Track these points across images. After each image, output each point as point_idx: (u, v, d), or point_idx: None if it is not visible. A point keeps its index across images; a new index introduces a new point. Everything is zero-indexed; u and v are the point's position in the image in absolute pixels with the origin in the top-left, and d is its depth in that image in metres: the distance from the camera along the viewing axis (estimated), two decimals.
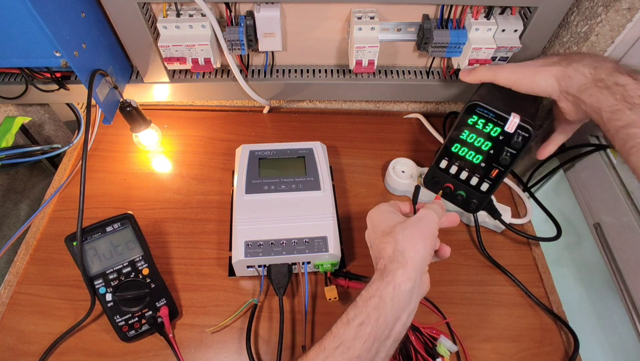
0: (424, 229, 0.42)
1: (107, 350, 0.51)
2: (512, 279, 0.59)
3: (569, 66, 0.44)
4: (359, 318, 0.37)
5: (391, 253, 0.40)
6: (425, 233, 0.42)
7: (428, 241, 0.41)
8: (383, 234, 0.42)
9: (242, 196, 0.57)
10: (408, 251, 0.40)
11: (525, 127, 0.46)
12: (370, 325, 0.37)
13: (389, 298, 0.37)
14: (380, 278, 0.39)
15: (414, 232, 0.41)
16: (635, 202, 0.55)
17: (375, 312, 0.37)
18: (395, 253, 0.40)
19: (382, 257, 0.41)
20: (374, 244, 0.44)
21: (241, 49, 0.60)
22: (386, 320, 0.37)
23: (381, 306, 0.37)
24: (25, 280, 0.56)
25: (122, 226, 0.52)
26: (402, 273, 0.38)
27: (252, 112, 0.79)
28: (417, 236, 0.41)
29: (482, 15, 0.59)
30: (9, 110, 0.74)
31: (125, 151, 0.70)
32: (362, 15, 0.58)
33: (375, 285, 0.39)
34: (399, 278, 0.38)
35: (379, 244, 0.42)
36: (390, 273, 0.39)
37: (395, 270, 0.39)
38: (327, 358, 0.36)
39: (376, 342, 0.37)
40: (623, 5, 0.51)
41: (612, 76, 0.41)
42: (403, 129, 0.77)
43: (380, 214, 0.46)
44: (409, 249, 0.40)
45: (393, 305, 0.37)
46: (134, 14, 0.56)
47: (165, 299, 0.52)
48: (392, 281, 0.38)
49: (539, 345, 0.54)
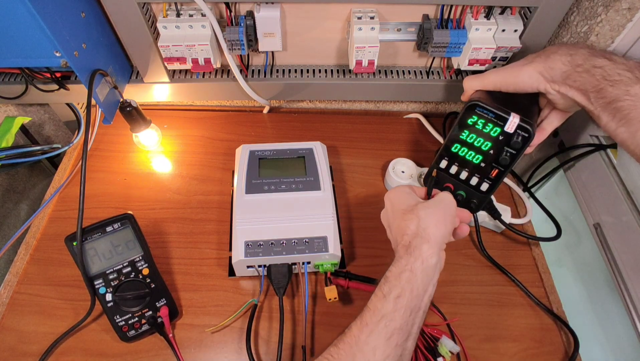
0: (446, 209, 0.45)
1: (107, 350, 0.51)
2: (512, 280, 0.59)
3: (548, 58, 0.46)
4: (395, 291, 0.39)
5: (415, 229, 0.42)
6: (447, 212, 0.45)
7: (449, 219, 0.44)
8: (404, 212, 0.44)
9: (242, 196, 0.57)
10: (431, 227, 0.42)
11: (525, 127, 0.46)
12: (405, 297, 0.39)
13: (419, 271, 0.40)
14: (408, 254, 0.41)
15: (436, 211, 0.44)
16: (635, 202, 0.55)
17: (409, 285, 0.40)
18: (418, 229, 0.42)
19: (405, 233, 0.43)
20: (393, 223, 0.46)
21: (241, 49, 0.60)
22: (418, 291, 0.40)
23: (413, 280, 0.40)
24: (25, 280, 0.56)
25: (122, 226, 0.52)
26: (428, 247, 0.41)
27: (252, 112, 0.79)
28: (439, 215, 0.44)
29: (482, 15, 0.59)
30: (9, 110, 0.74)
31: (125, 151, 0.70)
32: (362, 15, 0.58)
33: (403, 260, 0.41)
34: (425, 253, 0.41)
35: (400, 222, 0.44)
36: (417, 248, 0.41)
37: (421, 245, 0.41)
38: (371, 332, 0.38)
39: (412, 313, 0.39)
40: (623, 5, 0.51)
41: (589, 60, 0.42)
42: (403, 129, 0.77)
43: (399, 195, 0.48)
44: (431, 226, 0.42)
45: (423, 278, 0.40)
46: (134, 14, 0.56)
47: (165, 299, 0.52)
48: (420, 256, 0.41)
49: (539, 345, 0.54)
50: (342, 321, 0.54)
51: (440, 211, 0.44)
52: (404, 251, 0.42)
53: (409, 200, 0.46)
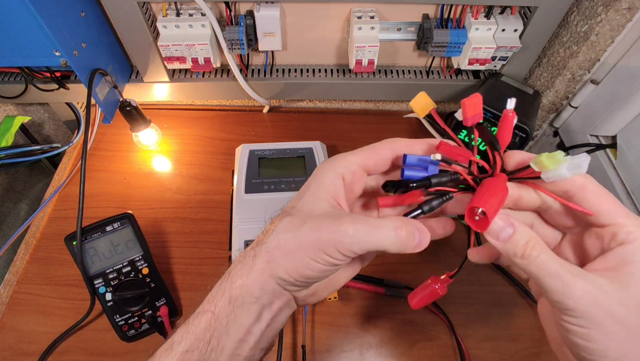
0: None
1: (107, 349, 0.51)
2: (512, 279, 0.59)
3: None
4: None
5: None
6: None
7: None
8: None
9: (242, 196, 0.57)
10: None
11: (523, 127, 0.46)
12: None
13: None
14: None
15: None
16: (635, 202, 0.55)
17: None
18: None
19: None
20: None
21: (241, 49, 0.60)
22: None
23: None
24: (25, 280, 0.56)
25: (122, 225, 0.52)
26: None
27: (252, 112, 0.79)
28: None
29: (482, 14, 0.59)
30: (8, 109, 0.73)
31: (125, 150, 0.70)
32: (362, 14, 0.58)
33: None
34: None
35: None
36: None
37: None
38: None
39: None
40: (623, 5, 0.51)
41: None
42: (403, 128, 0.77)
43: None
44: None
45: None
46: (133, 14, 0.56)
47: (165, 299, 0.52)
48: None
49: (539, 344, 0.54)
50: (342, 320, 0.54)
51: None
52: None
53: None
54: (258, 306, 0.29)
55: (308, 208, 0.30)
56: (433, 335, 0.54)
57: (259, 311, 0.29)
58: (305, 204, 0.30)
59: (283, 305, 0.31)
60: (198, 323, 0.29)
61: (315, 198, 0.30)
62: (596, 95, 0.61)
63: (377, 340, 0.53)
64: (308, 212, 0.29)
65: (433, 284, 0.34)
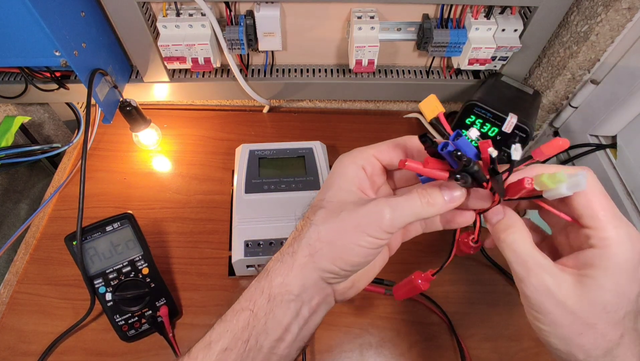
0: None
1: (107, 349, 0.51)
2: (512, 279, 0.59)
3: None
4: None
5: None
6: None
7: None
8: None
9: (242, 196, 0.57)
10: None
11: (523, 127, 0.46)
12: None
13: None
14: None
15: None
16: (635, 202, 0.55)
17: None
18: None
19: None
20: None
21: (241, 49, 0.60)
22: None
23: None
24: (25, 280, 0.56)
25: (122, 225, 0.52)
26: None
27: (252, 112, 0.79)
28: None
29: (482, 14, 0.59)
30: (8, 109, 0.74)
31: (125, 150, 0.70)
32: (362, 14, 0.58)
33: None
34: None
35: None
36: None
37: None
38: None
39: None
40: (623, 5, 0.51)
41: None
42: (403, 128, 0.77)
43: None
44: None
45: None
46: (133, 14, 0.56)
47: (165, 299, 0.52)
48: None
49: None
50: (342, 320, 0.54)
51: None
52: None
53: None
54: (297, 303, 0.30)
55: (338, 199, 0.30)
56: (433, 335, 0.54)
57: (298, 309, 0.30)
58: (335, 196, 0.31)
59: (321, 301, 0.31)
60: (237, 321, 0.30)
61: (342, 190, 0.31)
62: (596, 95, 0.61)
63: (377, 340, 0.53)
64: (340, 202, 0.30)
65: (416, 280, 0.36)
